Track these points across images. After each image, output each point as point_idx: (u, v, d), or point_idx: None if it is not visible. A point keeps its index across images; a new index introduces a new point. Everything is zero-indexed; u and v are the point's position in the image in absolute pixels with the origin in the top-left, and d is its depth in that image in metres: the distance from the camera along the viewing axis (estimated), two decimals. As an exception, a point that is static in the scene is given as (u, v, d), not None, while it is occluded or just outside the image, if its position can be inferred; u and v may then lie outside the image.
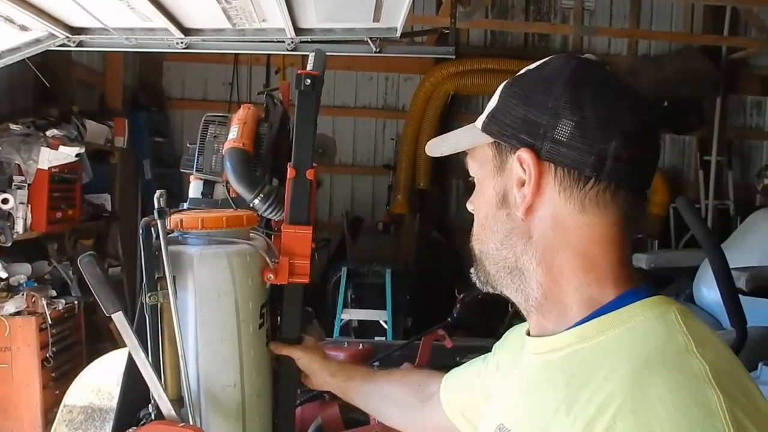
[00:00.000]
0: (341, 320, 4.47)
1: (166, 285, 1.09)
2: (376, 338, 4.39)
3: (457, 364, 1.16)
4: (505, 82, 0.82)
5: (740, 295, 2.18)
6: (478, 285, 0.86)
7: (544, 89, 0.75)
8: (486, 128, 0.81)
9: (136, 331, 1.12)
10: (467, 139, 0.85)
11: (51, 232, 3.71)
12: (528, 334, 0.85)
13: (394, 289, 4.55)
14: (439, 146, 0.91)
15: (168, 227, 1.14)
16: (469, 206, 0.88)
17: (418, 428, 1.22)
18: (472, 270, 0.87)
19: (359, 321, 4.63)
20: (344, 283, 4.59)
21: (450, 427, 1.12)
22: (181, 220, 1.15)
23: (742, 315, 2.13)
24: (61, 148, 3.40)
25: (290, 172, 1.22)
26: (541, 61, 0.80)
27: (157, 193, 1.10)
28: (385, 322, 4.49)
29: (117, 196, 4.63)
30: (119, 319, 1.05)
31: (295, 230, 1.22)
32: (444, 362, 1.40)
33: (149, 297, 1.10)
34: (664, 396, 0.63)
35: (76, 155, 3.52)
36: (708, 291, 2.95)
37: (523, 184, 0.77)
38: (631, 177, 0.75)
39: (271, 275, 1.19)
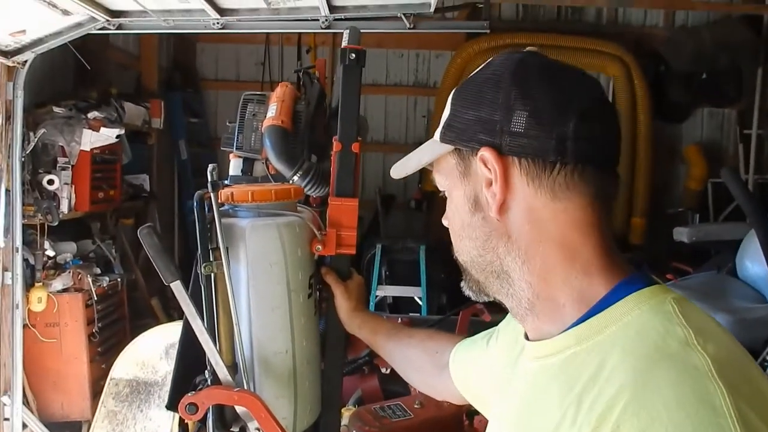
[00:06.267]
0: (376, 296, 4.51)
1: (220, 256, 1.13)
2: (411, 314, 4.43)
3: None
4: (453, 91, 0.82)
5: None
6: (472, 297, 0.85)
7: (492, 87, 0.75)
8: (444, 138, 0.81)
9: (191, 300, 1.17)
10: (428, 154, 0.85)
11: (94, 212, 3.82)
12: (526, 338, 0.84)
13: (428, 266, 4.58)
14: (403, 167, 0.91)
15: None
16: (445, 221, 0.87)
17: (435, 392, 1.25)
18: (462, 283, 0.86)
19: (394, 297, 4.67)
20: (378, 259, 4.64)
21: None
22: (232, 194, 1.19)
23: (790, 289, 2.08)
24: (102, 129, 3.48)
25: (336, 146, 1.25)
26: (485, 63, 0.80)
27: (210, 166, 1.13)
28: (420, 298, 4.52)
29: (154, 176, 4.72)
30: (177, 287, 1.09)
31: (342, 202, 1.25)
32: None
33: (204, 267, 1.13)
34: (666, 396, 0.61)
35: (117, 137, 3.59)
36: (752, 264, 2.88)
37: (490, 183, 0.76)
38: (594, 154, 0.74)
39: (320, 246, 1.22)
